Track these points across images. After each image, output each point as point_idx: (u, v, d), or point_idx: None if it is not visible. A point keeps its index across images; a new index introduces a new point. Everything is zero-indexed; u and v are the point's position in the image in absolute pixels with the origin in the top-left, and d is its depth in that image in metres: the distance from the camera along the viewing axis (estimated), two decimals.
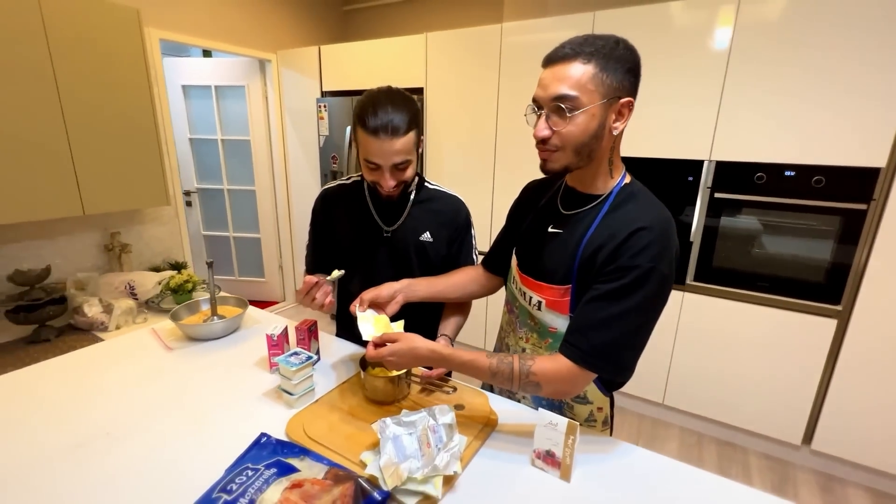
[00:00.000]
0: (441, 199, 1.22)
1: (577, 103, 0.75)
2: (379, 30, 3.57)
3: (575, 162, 0.81)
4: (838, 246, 1.82)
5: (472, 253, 1.27)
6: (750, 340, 2.05)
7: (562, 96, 0.75)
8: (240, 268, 3.70)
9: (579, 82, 0.74)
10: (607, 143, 0.81)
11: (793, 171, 1.85)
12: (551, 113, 0.77)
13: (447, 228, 1.20)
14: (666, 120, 2.07)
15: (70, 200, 1.88)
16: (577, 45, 0.75)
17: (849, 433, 1.91)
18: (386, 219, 1.18)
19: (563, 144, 0.79)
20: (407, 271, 1.17)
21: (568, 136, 0.77)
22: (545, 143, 0.80)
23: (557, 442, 0.79)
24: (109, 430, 0.90)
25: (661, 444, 2.22)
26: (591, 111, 0.76)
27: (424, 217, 1.19)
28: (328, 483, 0.72)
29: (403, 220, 1.18)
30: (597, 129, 0.77)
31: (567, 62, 0.75)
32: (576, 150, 0.79)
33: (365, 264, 1.17)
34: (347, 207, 1.20)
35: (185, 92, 3.25)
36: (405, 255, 1.18)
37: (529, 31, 2.31)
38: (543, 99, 0.78)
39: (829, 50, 1.71)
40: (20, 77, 1.68)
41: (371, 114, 0.98)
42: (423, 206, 1.20)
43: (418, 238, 1.18)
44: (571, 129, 0.76)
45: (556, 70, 0.76)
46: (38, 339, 1.86)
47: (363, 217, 1.19)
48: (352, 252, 1.19)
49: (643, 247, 0.76)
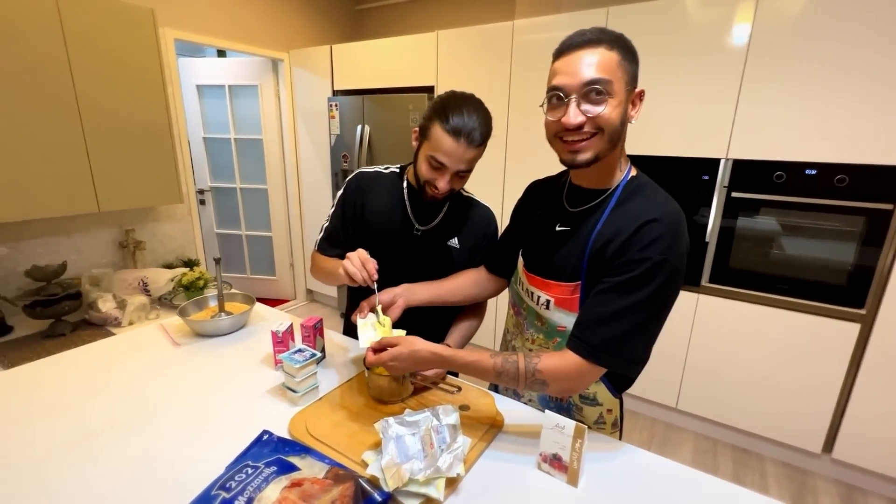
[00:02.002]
0: (475, 207, 1.22)
1: (610, 88, 0.73)
2: (390, 28, 3.57)
3: (606, 149, 0.78)
4: (862, 247, 1.76)
5: None
6: (768, 344, 1.98)
7: (597, 80, 0.73)
8: (252, 266, 3.73)
9: (609, 67, 0.73)
10: (625, 134, 0.80)
11: (814, 170, 1.79)
12: (582, 99, 0.74)
13: (475, 237, 1.19)
14: (681, 117, 2.02)
15: (86, 197, 1.92)
16: (598, 33, 0.74)
17: (872, 442, 1.83)
18: (420, 218, 1.16)
19: (600, 129, 0.75)
20: (425, 272, 1.15)
21: (604, 120, 0.74)
22: (578, 131, 0.75)
23: (565, 445, 0.76)
24: (114, 423, 0.91)
25: (673, 449, 2.17)
26: (620, 97, 0.74)
27: (457, 222, 1.18)
28: (328, 482, 0.71)
29: (438, 222, 1.16)
30: (622, 115, 0.76)
31: (592, 47, 0.73)
32: (609, 136, 0.76)
33: (388, 257, 1.11)
34: (383, 197, 1.17)
35: (200, 91, 3.29)
36: (430, 257, 1.17)
37: (542, 28, 2.28)
38: (573, 86, 0.74)
39: (851, 43, 1.64)
40: (38, 76, 1.71)
41: (457, 113, 0.97)
42: (457, 211, 1.19)
43: (446, 242, 1.17)
44: (608, 112, 0.74)
45: (582, 55, 0.73)
46: (53, 333, 1.90)
47: (398, 210, 1.16)
48: (379, 242, 1.14)
49: (653, 239, 0.74)
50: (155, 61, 2.08)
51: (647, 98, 0.79)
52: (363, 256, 0.98)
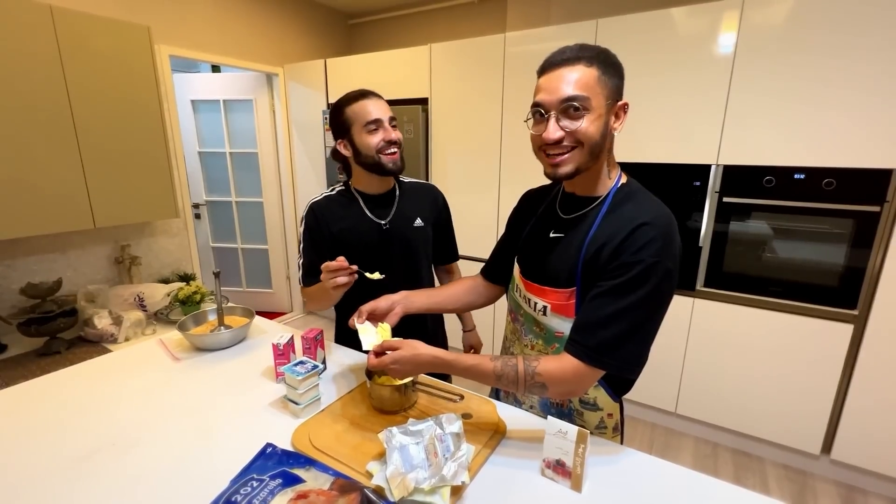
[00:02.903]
0: (418, 188, 1.38)
1: (587, 103, 0.76)
2: (384, 42, 3.61)
3: (586, 162, 0.81)
4: (852, 249, 1.79)
5: (455, 242, 1.47)
6: (764, 347, 2.00)
7: (574, 97, 0.76)
8: (248, 279, 3.72)
9: (587, 84, 0.76)
10: (608, 145, 0.83)
11: (802, 174, 1.83)
12: (561, 115, 0.78)
13: (431, 212, 1.35)
14: (672, 125, 2.06)
15: (81, 214, 1.91)
16: (577, 51, 0.78)
17: (870, 442, 1.85)
18: (380, 215, 1.27)
19: (577, 143, 0.79)
20: (414, 257, 1.30)
21: (581, 134, 0.78)
22: (557, 145, 0.79)
23: (568, 451, 0.77)
24: (115, 441, 0.90)
25: (674, 453, 2.17)
26: (599, 111, 0.77)
27: (411, 206, 1.31)
28: (334, 494, 0.71)
29: (395, 212, 1.28)
30: (603, 128, 0.79)
31: (571, 65, 0.77)
32: (590, 149, 0.79)
33: (366, 258, 1.18)
34: (341, 213, 1.26)
35: (195, 106, 3.31)
36: (407, 243, 1.29)
37: (533, 40, 2.33)
38: (551, 102, 0.78)
39: (836, 50, 1.69)
40: (34, 93, 1.72)
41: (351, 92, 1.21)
42: (406, 197, 1.32)
43: (413, 225, 1.30)
44: (585, 127, 0.77)
45: (562, 73, 0.77)
46: (48, 351, 1.88)
47: (360, 218, 1.26)
48: (356, 250, 1.22)
49: (646, 242, 0.76)
50: (151, 78, 2.09)
51: (639, 106, 0.82)
52: (329, 267, 1.03)
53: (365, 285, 1.10)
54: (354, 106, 1.18)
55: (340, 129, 1.21)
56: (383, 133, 1.17)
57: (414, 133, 2.75)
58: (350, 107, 1.19)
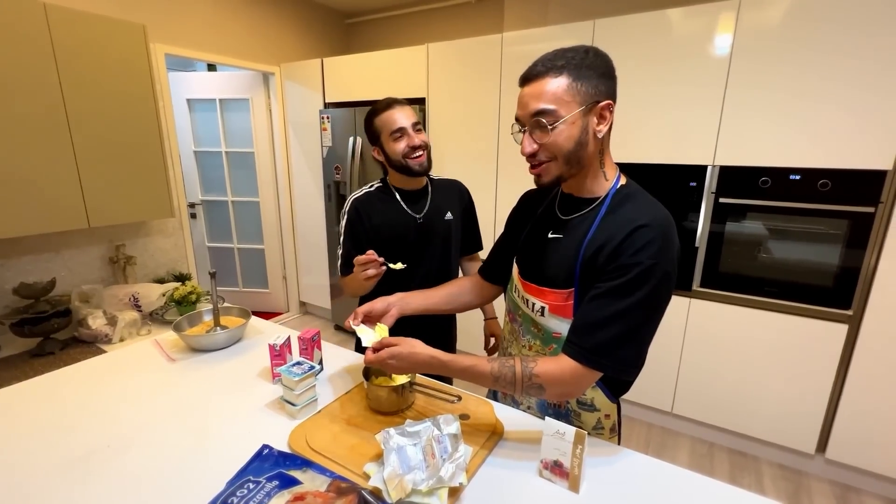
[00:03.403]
0: (445, 183, 1.49)
1: (555, 115, 0.77)
2: (381, 41, 3.61)
3: (566, 170, 0.82)
4: (847, 250, 1.80)
5: (479, 233, 1.57)
6: (759, 347, 2.01)
7: (540, 111, 0.78)
8: (244, 279, 3.70)
9: (555, 95, 0.77)
10: (595, 147, 0.83)
11: (798, 175, 1.84)
12: (533, 128, 0.80)
13: (459, 206, 1.46)
14: (668, 126, 2.06)
15: (75, 213, 1.90)
16: (548, 61, 0.79)
17: (864, 441, 1.86)
18: (414, 209, 1.37)
19: (551, 155, 0.81)
20: (446, 248, 1.41)
21: (553, 147, 0.79)
22: (534, 157, 0.82)
23: (565, 452, 0.77)
24: (110, 442, 0.89)
25: (671, 453, 2.18)
26: (571, 120, 0.78)
27: (442, 200, 1.41)
28: (331, 496, 0.71)
29: (429, 206, 1.38)
30: (580, 135, 0.79)
31: (540, 79, 0.79)
32: (565, 159, 0.81)
33: (402, 251, 1.30)
34: (381, 208, 1.36)
35: (190, 105, 3.29)
36: (440, 235, 1.39)
37: (530, 40, 2.33)
38: (524, 117, 0.81)
39: (831, 52, 1.70)
40: (28, 92, 1.70)
41: (379, 103, 1.31)
42: (437, 192, 1.42)
43: (444, 218, 1.40)
44: (555, 139, 0.79)
45: (532, 88, 0.79)
46: (42, 351, 1.86)
47: (397, 212, 1.36)
48: (393, 243, 1.32)
49: (644, 244, 0.76)
50: (146, 77, 2.08)
51: (636, 108, 0.82)
52: (359, 261, 1.13)
53: (395, 274, 1.17)
54: (382, 116, 1.28)
55: (372, 137, 1.33)
56: (407, 140, 1.27)
57: None
58: (378, 117, 1.29)
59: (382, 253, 1.15)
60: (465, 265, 1.60)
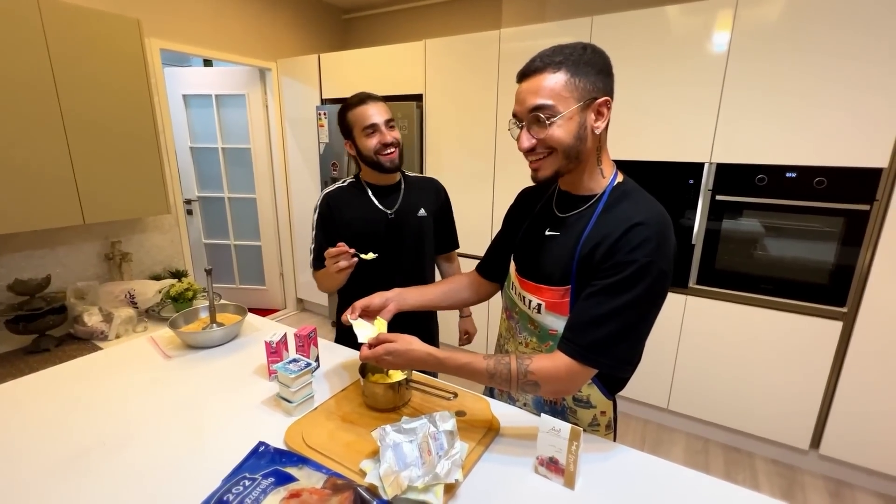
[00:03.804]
0: (422, 181, 1.47)
1: (553, 110, 0.77)
2: (378, 37, 3.59)
3: (564, 165, 0.82)
4: (842, 247, 1.81)
5: (455, 232, 1.56)
6: (754, 344, 2.02)
7: (538, 106, 0.78)
8: (241, 276, 3.69)
9: (553, 90, 0.77)
10: (592, 144, 0.83)
11: (794, 173, 1.84)
12: (531, 124, 0.80)
13: (434, 204, 1.45)
14: (665, 123, 2.06)
15: (70, 209, 1.88)
16: (546, 57, 0.79)
17: (858, 437, 1.88)
18: (386, 205, 1.36)
19: (549, 149, 0.81)
20: (418, 245, 1.40)
21: (551, 141, 0.79)
22: (532, 152, 0.82)
23: (561, 448, 0.77)
24: (105, 440, 0.89)
25: (666, 449, 2.19)
26: (569, 115, 0.78)
27: (415, 197, 1.41)
28: (327, 492, 0.71)
29: (401, 202, 1.38)
30: (578, 130, 0.79)
31: (538, 74, 0.79)
32: (563, 154, 0.81)
33: (373, 246, 1.27)
34: (352, 203, 1.36)
35: (186, 101, 3.27)
36: (412, 232, 1.38)
37: (528, 36, 2.32)
38: (522, 112, 0.81)
39: (828, 51, 1.71)
40: (21, 87, 1.69)
41: (353, 97, 1.29)
42: (411, 189, 1.42)
43: (417, 215, 1.39)
44: (553, 133, 0.79)
45: (530, 83, 0.79)
46: (37, 348, 1.86)
47: (368, 207, 1.36)
48: (364, 238, 1.30)
49: (640, 242, 0.77)
50: (141, 72, 2.06)
51: (633, 105, 0.82)
52: (330, 254, 1.12)
53: (367, 269, 1.18)
54: (355, 111, 1.28)
55: (345, 132, 1.33)
56: (379, 136, 1.27)
57: (408, 129, 2.74)
58: (351, 112, 1.29)
59: (354, 247, 1.14)
60: (442, 264, 1.60)
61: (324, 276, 1.30)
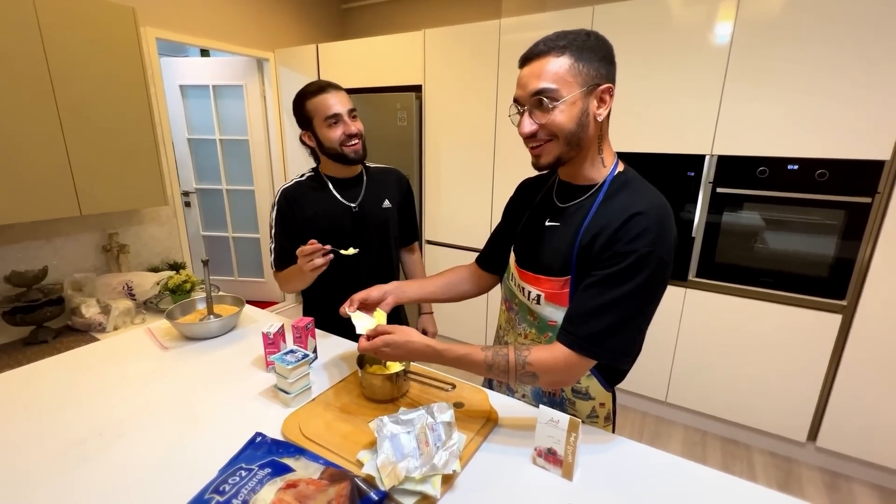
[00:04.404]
0: (383, 171, 1.43)
1: (556, 94, 0.76)
2: (377, 27, 3.55)
3: (565, 151, 0.81)
4: (842, 240, 1.80)
5: (416, 223, 1.53)
6: (753, 337, 2.02)
7: (542, 90, 0.76)
8: (239, 268, 3.69)
9: (557, 75, 0.76)
10: (594, 131, 0.82)
11: (796, 165, 1.83)
12: (534, 108, 0.79)
13: (397, 194, 1.41)
14: (666, 115, 2.04)
15: (67, 201, 1.87)
16: (550, 41, 0.77)
17: (854, 430, 1.88)
18: (348, 198, 1.32)
19: (551, 135, 0.79)
20: (384, 237, 1.37)
21: (553, 126, 0.78)
22: (534, 137, 0.81)
23: (559, 440, 0.77)
24: (102, 430, 0.89)
25: (664, 441, 2.20)
26: (572, 100, 0.77)
27: (378, 189, 1.37)
28: (324, 483, 0.70)
29: (364, 195, 1.34)
30: (580, 116, 0.78)
31: (542, 58, 0.77)
32: (565, 139, 0.79)
33: (338, 241, 1.21)
34: (313, 198, 1.31)
35: (183, 92, 3.24)
36: (377, 224, 1.35)
37: (528, 26, 2.29)
38: (524, 97, 0.79)
39: (830, 42, 1.69)
40: (15, 77, 1.67)
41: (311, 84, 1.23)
42: (373, 180, 1.38)
43: (381, 206, 1.36)
44: (555, 118, 0.77)
45: (533, 67, 0.78)
46: (35, 340, 1.85)
47: (330, 202, 1.31)
48: (328, 233, 1.24)
49: (640, 232, 0.76)
50: (136, 61, 2.04)
51: (634, 96, 0.81)
52: (304, 252, 1.08)
53: (333, 265, 1.14)
54: (314, 100, 1.21)
55: (303, 121, 1.26)
56: (343, 127, 1.22)
57: (407, 121, 2.72)
58: (310, 100, 1.22)
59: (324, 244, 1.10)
60: (404, 256, 1.56)
61: (290, 277, 1.25)
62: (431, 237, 2.92)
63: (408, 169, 2.74)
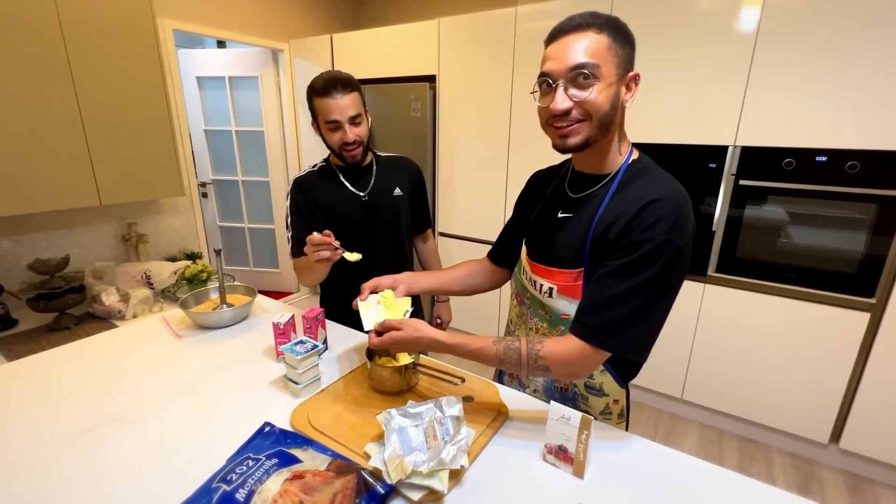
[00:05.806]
0: (394, 160, 1.44)
1: (598, 72, 0.72)
2: (392, 16, 3.51)
3: (595, 134, 0.77)
4: (873, 236, 1.72)
5: (428, 211, 1.54)
6: (775, 334, 1.96)
7: (583, 64, 0.72)
8: (255, 258, 3.73)
9: (597, 51, 0.72)
10: (619, 118, 0.79)
11: (825, 156, 1.75)
12: (571, 84, 0.73)
13: (408, 182, 1.42)
14: (688, 104, 1.97)
15: (87, 191, 1.91)
16: (587, 17, 0.73)
17: (880, 432, 1.81)
18: (359, 187, 1.34)
19: (586, 114, 0.75)
20: (396, 226, 1.38)
21: (590, 105, 0.73)
22: (565, 116, 0.75)
23: (570, 437, 0.75)
24: (115, 416, 0.90)
25: (679, 440, 2.16)
26: (609, 81, 0.73)
27: (389, 177, 1.38)
28: (330, 475, 0.70)
29: (374, 183, 1.35)
30: (613, 99, 0.75)
31: (581, 32, 0.73)
32: (598, 121, 0.75)
33: (349, 229, 1.28)
34: (324, 187, 1.33)
35: (200, 83, 3.26)
36: (388, 212, 1.36)
37: (545, 14, 2.24)
38: (559, 71, 0.74)
39: (862, 28, 1.59)
40: (36, 69, 1.69)
41: (319, 80, 1.21)
42: (383, 169, 1.39)
43: (392, 194, 1.37)
44: (594, 97, 0.73)
45: (571, 40, 0.73)
46: (58, 326, 1.90)
47: (341, 191, 1.33)
48: (339, 222, 1.29)
49: (656, 220, 0.72)
50: (153, 52, 2.05)
51: (654, 84, 0.78)
52: (313, 240, 1.06)
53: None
54: (318, 101, 1.22)
55: (312, 114, 1.28)
56: (342, 133, 1.23)
57: (421, 111, 2.69)
58: (315, 100, 1.23)
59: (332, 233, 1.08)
60: (418, 244, 1.58)
61: (303, 266, 1.24)
62: (445, 229, 2.90)
63: (422, 160, 2.72)
